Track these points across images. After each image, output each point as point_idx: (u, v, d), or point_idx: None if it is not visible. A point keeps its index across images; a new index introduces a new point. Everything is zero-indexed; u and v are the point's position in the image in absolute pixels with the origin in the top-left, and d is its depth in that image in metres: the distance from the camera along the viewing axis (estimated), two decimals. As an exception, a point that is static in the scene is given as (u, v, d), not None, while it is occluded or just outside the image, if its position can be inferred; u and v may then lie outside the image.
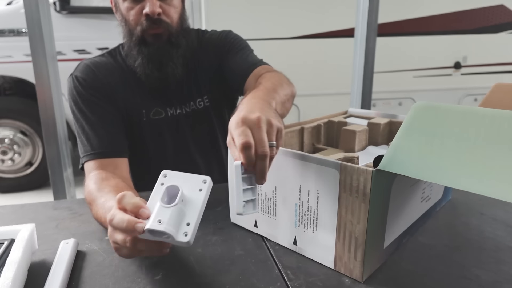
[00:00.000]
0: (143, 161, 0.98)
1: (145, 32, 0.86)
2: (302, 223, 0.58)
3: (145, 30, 0.86)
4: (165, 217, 0.45)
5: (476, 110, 0.45)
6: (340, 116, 0.89)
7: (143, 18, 0.85)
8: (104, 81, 0.91)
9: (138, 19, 0.86)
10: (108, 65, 0.94)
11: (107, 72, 0.92)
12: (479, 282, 0.53)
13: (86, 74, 0.91)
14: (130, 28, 0.88)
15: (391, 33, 2.95)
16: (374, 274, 0.55)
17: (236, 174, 0.48)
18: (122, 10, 0.88)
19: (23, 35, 2.52)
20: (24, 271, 0.53)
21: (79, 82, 0.89)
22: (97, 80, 0.90)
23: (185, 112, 0.97)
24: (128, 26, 0.88)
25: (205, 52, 1.00)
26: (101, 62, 0.94)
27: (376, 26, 1.45)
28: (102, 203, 0.66)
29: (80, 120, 0.87)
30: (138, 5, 0.85)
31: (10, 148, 2.73)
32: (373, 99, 1.58)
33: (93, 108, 0.87)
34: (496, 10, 3.08)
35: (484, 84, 3.20)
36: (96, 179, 0.76)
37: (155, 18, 0.85)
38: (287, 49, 2.82)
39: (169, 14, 0.88)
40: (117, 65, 0.94)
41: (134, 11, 0.86)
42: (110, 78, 0.92)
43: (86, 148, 0.84)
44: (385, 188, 0.52)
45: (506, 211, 0.75)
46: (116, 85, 0.92)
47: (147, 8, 0.84)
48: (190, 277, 0.54)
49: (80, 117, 0.87)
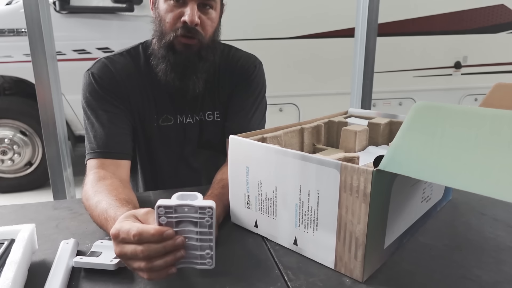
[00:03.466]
0: (149, 165, 0.99)
1: (177, 39, 0.84)
2: (303, 223, 0.58)
3: (178, 37, 0.84)
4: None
5: (476, 110, 0.45)
6: (340, 116, 0.89)
7: (179, 24, 0.83)
8: (120, 82, 0.89)
9: (174, 24, 0.83)
10: (126, 66, 0.92)
11: (124, 73, 0.90)
12: (479, 282, 0.53)
13: (103, 73, 0.89)
14: (164, 30, 0.85)
15: (391, 33, 2.95)
16: (374, 274, 0.55)
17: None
18: (160, 9, 0.85)
19: (22, 35, 2.52)
20: (24, 271, 0.53)
21: (95, 80, 0.88)
22: (113, 79, 0.89)
23: (194, 121, 0.97)
24: (162, 27, 0.85)
25: (229, 71, 0.97)
26: (120, 61, 0.92)
27: (376, 26, 1.45)
28: (95, 204, 0.66)
29: (91, 117, 0.87)
30: (178, 10, 0.83)
31: (10, 148, 2.73)
32: (373, 99, 1.58)
33: (105, 107, 0.87)
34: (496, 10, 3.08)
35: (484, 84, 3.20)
36: (93, 178, 0.76)
37: (191, 27, 0.82)
38: (287, 49, 2.82)
39: (205, 26, 0.85)
40: (135, 67, 0.92)
41: (172, 14, 0.83)
42: (126, 80, 0.90)
43: (92, 145, 0.84)
44: (386, 188, 0.52)
45: (506, 211, 0.75)
46: (132, 87, 0.91)
47: (186, 16, 0.81)
48: (190, 277, 0.54)
49: (91, 114, 0.87)
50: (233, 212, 0.70)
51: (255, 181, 0.63)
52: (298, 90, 2.89)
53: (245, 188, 0.65)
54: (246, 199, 0.65)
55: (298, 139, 0.78)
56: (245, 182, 0.64)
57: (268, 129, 0.72)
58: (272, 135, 0.71)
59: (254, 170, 0.62)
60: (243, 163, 0.63)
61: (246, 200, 0.65)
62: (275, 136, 0.72)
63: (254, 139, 0.65)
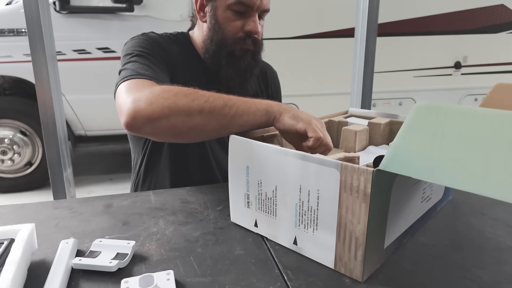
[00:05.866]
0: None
1: (239, 47, 0.90)
2: (302, 223, 0.58)
3: (241, 45, 0.89)
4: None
5: (477, 110, 0.45)
6: (341, 116, 0.89)
7: (241, 33, 0.89)
8: (168, 52, 0.91)
9: (236, 33, 0.89)
10: (174, 43, 0.96)
11: (171, 47, 0.93)
12: (479, 282, 0.53)
13: (156, 37, 0.93)
14: (224, 38, 0.89)
15: (391, 33, 2.95)
16: (374, 274, 0.55)
17: None
18: (220, 17, 0.89)
19: (22, 35, 2.52)
20: (24, 271, 0.53)
21: (150, 37, 0.91)
22: (162, 47, 0.91)
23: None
24: (221, 34, 0.89)
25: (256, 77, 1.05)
26: (166, 41, 0.95)
27: (376, 26, 1.45)
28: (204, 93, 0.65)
29: (138, 55, 0.82)
30: (240, 20, 0.88)
31: (10, 148, 2.73)
32: (373, 99, 1.58)
33: (156, 56, 0.86)
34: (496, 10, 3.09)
35: (484, 84, 3.20)
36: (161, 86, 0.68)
37: (254, 37, 0.89)
38: (287, 49, 2.82)
39: (259, 33, 0.92)
40: (180, 51, 0.95)
41: (234, 24, 0.88)
42: (174, 52, 0.93)
43: (138, 72, 0.75)
44: (386, 188, 0.52)
45: (506, 211, 0.75)
46: (177, 60, 0.93)
47: (250, 26, 0.87)
48: (190, 277, 0.54)
49: (139, 54, 0.83)
50: (233, 212, 0.70)
51: (255, 181, 0.63)
52: (298, 90, 2.89)
53: (245, 188, 0.65)
54: (246, 199, 0.65)
55: (298, 139, 0.78)
56: (245, 181, 0.64)
57: (268, 129, 0.72)
58: (272, 135, 0.71)
59: (254, 170, 0.62)
60: (243, 163, 0.63)
61: (246, 200, 0.65)
62: (275, 135, 0.72)
63: (254, 138, 0.65)
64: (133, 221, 0.71)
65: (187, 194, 0.83)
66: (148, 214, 0.73)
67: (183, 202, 0.79)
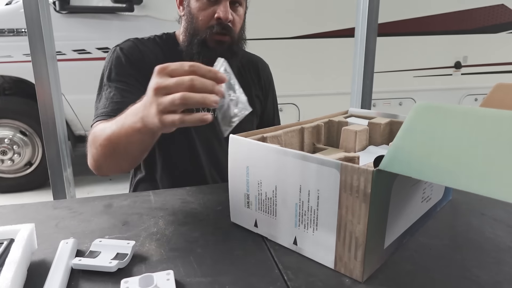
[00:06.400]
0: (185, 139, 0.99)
1: (211, 36, 0.88)
2: (302, 223, 0.58)
3: (213, 34, 0.88)
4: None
5: (477, 110, 0.45)
6: (341, 116, 0.89)
7: (213, 21, 0.87)
8: (148, 64, 0.91)
9: (208, 22, 0.88)
10: (155, 50, 0.95)
11: (152, 56, 0.93)
12: (479, 283, 0.53)
13: (132, 50, 0.92)
14: (197, 28, 0.89)
15: (391, 33, 2.95)
16: (374, 274, 0.54)
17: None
18: (192, 7, 0.89)
19: (22, 35, 2.52)
20: (24, 271, 0.53)
21: (123, 53, 0.91)
22: (141, 59, 0.91)
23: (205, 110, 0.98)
24: (194, 24, 0.89)
25: (247, 70, 1.06)
26: (148, 45, 0.95)
27: (376, 26, 1.45)
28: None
29: (110, 85, 0.87)
30: (211, 8, 0.87)
31: (9, 148, 2.73)
32: (373, 99, 1.58)
33: (127, 79, 0.88)
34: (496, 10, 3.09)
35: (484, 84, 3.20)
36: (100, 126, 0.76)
37: (225, 24, 0.87)
38: (287, 49, 2.82)
39: (235, 23, 0.90)
40: (163, 53, 0.95)
41: (205, 12, 0.87)
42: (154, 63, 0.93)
43: (105, 110, 0.84)
44: (386, 188, 0.52)
45: (506, 211, 0.75)
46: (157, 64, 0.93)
47: (220, 13, 0.86)
48: (190, 277, 0.54)
49: (110, 83, 0.87)
50: (233, 212, 0.70)
51: (255, 181, 0.63)
52: (298, 90, 2.89)
53: (245, 188, 0.65)
54: (246, 199, 0.65)
55: (298, 138, 0.78)
56: (245, 181, 0.64)
57: (268, 129, 0.72)
58: (272, 135, 0.71)
59: (254, 170, 0.62)
60: (243, 163, 0.63)
61: (246, 200, 0.65)
62: (275, 135, 0.72)
63: (254, 138, 0.65)
64: (133, 221, 0.70)
65: (187, 194, 0.83)
66: (148, 214, 0.73)
67: (183, 202, 0.79)
